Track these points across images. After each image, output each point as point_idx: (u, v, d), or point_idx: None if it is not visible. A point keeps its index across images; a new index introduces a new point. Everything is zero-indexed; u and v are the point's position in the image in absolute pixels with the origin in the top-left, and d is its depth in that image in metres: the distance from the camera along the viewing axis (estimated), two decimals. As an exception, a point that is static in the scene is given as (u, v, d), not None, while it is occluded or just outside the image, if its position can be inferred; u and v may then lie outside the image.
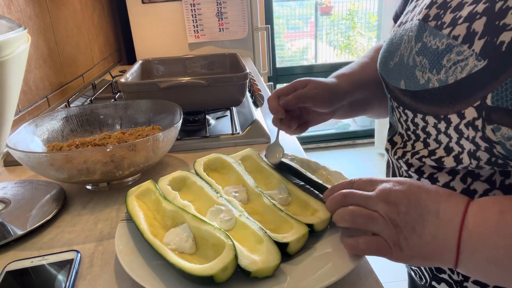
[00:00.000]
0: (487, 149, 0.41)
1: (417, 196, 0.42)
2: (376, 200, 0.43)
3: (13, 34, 0.48)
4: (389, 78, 0.55)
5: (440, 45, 0.45)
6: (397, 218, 0.41)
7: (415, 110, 0.50)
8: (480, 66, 0.40)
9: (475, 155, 0.43)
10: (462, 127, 0.43)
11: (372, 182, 0.46)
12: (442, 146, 0.48)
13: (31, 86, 1.04)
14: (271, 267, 0.42)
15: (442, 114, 0.45)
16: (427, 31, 0.48)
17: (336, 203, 0.46)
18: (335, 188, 0.49)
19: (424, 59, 0.47)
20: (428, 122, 0.48)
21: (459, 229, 0.39)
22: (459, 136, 0.44)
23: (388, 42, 0.57)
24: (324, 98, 0.62)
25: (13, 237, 0.54)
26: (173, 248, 0.45)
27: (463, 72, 0.41)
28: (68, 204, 0.65)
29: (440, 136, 0.47)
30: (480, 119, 0.40)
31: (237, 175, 0.60)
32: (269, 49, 1.95)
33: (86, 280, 0.47)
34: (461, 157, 0.45)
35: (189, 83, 0.86)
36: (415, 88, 0.48)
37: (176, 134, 0.70)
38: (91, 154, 0.59)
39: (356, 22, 3.69)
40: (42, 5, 1.15)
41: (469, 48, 0.41)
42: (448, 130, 0.45)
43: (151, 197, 0.55)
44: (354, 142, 3.25)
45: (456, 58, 0.42)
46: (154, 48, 1.80)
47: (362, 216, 0.43)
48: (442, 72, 0.44)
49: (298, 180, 0.62)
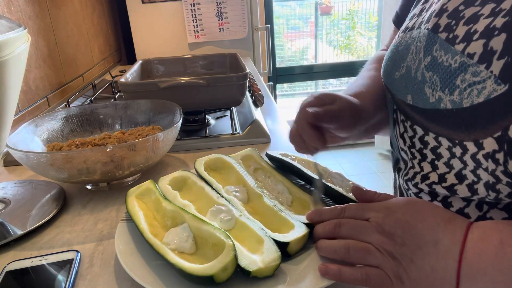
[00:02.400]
0: (510, 184, 0.38)
1: (412, 225, 0.39)
2: (370, 231, 0.41)
3: (13, 34, 0.48)
4: (394, 90, 0.51)
5: (453, 63, 0.40)
6: (393, 250, 0.39)
7: (427, 129, 0.45)
8: (500, 91, 0.36)
9: (495, 188, 0.39)
10: (480, 158, 0.39)
11: (364, 208, 0.43)
12: (453, 172, 0.44)
13: (31, 86, 1.04)
14: (271, 267, 0.42)
15: (457, 139, 0.41)
16: (437, 43, 0.43)
17: (326, 233, 0.44)
18: (324, 214, 0.46)
19: (435, 75, 0.43)
20: (442, 143, 0.44)
21: (458, 260, 0.36)
22: (476, 166, 0.40)
23: (393, 49, 0.53)
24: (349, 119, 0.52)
25: (13, 237, 0.54)
26: (173, 248, 0.45)
27: (480, 96, 0.37)
28: (68, 204, 0.65)
29: (453, 160, 0.43)
30: (502, 153, 0.36)
31: (238, 175, 0.60)
32: (269, 49, 1.95)
33: (86, 280, 0.47)
34: (476, 187, 0.41)
35: (189, 83, 0.86)
36: (424, 105, 0.45)
37: (176, 134, 0.70)
38: (91, 154, 0.59)
39: (356, 22, 3.69)
40: (42, 5, 1.15)
41: (487, 69, 0.37)
42: (464, 157, 0.41)
43: (151, 197, 0.55)
44: (354, 142, 3.25)
45: (471, 79, 0.38)
46: (154, 48, 1.79)
47: (357, 251, 0.40)
48: (456, 93, 0.40)
49: (299, 180, 0.62)
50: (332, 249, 0.42)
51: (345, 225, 0.43)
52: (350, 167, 2.93)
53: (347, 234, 0.42)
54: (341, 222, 0.43)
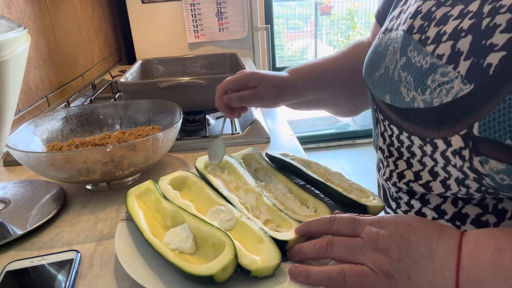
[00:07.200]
0: (476, 179, 0.38)
1: (406, 239, 0.38)
2: (364, 249, 0.39)
3: (13, 34, 0.48)
4: (374, 90, 0.53)
5: (424, 64, 0.42)
6: (390, 268, 0.37)
7: (401, 128, 0.47)
8: (466, 90, 0.37)
9: (464, 183, 0.40)
10: (449, 154, 0.40)
11: (355, 222, 0.41)
12: (426, 169, 0.45)
13: (31, 86, 1.04)
14: (271, 267, 0.42)
15: (428, 137, 0.42)
16: (411, 45, 0.45)
17: (317, 252, 0.41)
18: (311, 226, 0.44)
19: (409, 75, 0.44)
20: (414, 142, 0.45)
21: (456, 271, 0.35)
22: (445, 163, 0.41)
23: (373, 50, 0.54)
24: (271, 99, 0.60)
25: (13, 237, 0.54)
26: (173, 248, 0.45)
27: (448, 96, 0.39)
28: (68, 204, 0.65)
29: (425, 158, 0.45)
30: (467, 150, 0.37)
31: (238, 175, 0.60)
32: (269, 49, 1.95)
33: (86, 280, 0.47)
34: (449, 183, 0.42)
35: (189, 83, 0.86)
36: (400, 104, 0.46)
37: (176, 134, 0.70)
38: (91, 154, 0.59)
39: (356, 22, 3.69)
40: (42, 5, 1.15)
41: (454, 69, 0.38)
42: (434, 154, 0.42)
43: (151, 197, 0.55)
44: (354, 142, 3.25)
45: (441, 79, 0.40)
46: (154, 48, 1.79)
47: (353, 276, 0.38)
48: (427, 92, 0.41)
49: (299, 179, 0.62)
50: (327, 276, 0.39)
51: (337, 244, 0.40)
52: (350, 167, 2.94)
53: (340, 254, 0.40)
54: (331, 240, 0.41)
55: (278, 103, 0.62)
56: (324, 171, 0.61)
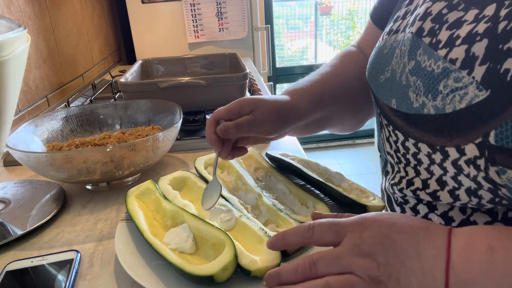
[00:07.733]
0: (491, 190, 0.37)
1: (391, 239, 0.36)
2: (349, 257, 0.36)
3: (13, 34, 0.48)
4: (379, 94, 0.51)
5: (436, 68, 0.40)
6: (378, 273, 0.35)
7: (407, 134, 0.45)
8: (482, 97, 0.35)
9: (476, 194, 0.39)
10: (462, 163, 0.38)
11: (336, 226, 0.38)
12: (434, 178, 0.44)
13: (31, 86, 1.04)
14: (271, 267, 0.42)
15: (438, 144, 0.40)
16: (421, 48, 0.43)
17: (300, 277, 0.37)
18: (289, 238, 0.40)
19: (418, 80, 0.42)
20: (421, 149, 0.43)
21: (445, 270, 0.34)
22: (457, 172, 0.39)
23: (378, 52, 0.52)
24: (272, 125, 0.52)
25: (13, 237, 0.54)
26: (173, 248, 0.45)
27: (462, 102, 0.37)
28: (68, 204, 0.65)
29: (432, 167, 0.43)
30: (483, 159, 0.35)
31: (238, 175, 0.60)
32: (269, 49, 1.94)
33: (86, 280, 0.47)
34: (458, 193, 0.41)
35: (189, 83, 0.86)
36: (408, 110, 0.44)
37: (176, 134, 0.70)
38: (91, 154, 0.59)
39: (356, 22, 3.69)
40: (42, 5, 1.15)
41: (469, 75, 0.36)
42: (444, 163, 0.40)
43: (151, 197, 0.55)
44: (354, 142, 3.25)
45: (454, 85, 0.38)
46: (154, 48, 1.79)
47: None
48: (439, 98, 0.39)
49: (299, 179, 0.62)
50: None
51: (320, 261, 0.37)
52: (350, 167, 2.94)
53: (326, 271, 0.37)
54: (313, 259, 0.37)
55: (282, 128, 0.54)
56: (324, 171, 0.61)
